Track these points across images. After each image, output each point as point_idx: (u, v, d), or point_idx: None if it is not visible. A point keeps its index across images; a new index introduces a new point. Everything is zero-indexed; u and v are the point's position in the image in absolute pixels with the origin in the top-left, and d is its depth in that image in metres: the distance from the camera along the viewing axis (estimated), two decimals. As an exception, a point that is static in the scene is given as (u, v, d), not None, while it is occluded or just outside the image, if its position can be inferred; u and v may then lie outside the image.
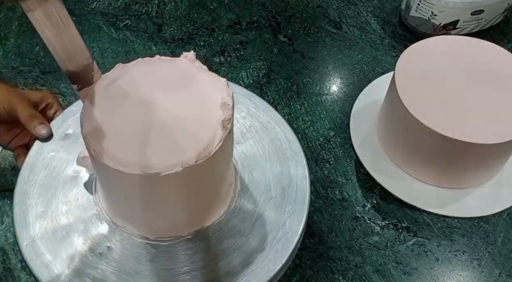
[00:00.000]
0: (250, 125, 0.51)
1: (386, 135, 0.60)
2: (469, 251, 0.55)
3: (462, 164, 0.55)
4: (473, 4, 0.68)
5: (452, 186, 0.58)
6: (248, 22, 0.75)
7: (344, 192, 0.58)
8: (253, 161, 0.49)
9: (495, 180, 0.59)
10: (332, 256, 0.54)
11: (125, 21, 0.74)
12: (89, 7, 0.75)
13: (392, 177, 0.59)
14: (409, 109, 0.53)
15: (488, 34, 0.73)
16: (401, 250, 0.55)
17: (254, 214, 0.46)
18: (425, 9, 0.70)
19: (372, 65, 0.70)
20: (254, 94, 0.54)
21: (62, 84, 0.66)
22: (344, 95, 0.67)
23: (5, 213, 0.55)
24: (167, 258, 0.43)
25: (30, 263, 0.43)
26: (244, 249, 0.44)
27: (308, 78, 0.69)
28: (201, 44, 0.72)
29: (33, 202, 0.46)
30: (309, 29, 0.74)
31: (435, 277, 0.53)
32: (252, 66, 0.70)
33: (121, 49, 0.71)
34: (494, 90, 0.55)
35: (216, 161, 0.38)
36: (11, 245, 0.53)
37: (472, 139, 0.50)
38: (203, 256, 0.44)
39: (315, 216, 0.56)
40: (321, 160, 0.61)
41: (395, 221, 0.57)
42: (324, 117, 0.65)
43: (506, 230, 0.56)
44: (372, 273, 0.53)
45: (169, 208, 0.41)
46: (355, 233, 0.56)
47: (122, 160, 0.36)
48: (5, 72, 0.67)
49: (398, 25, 0.75)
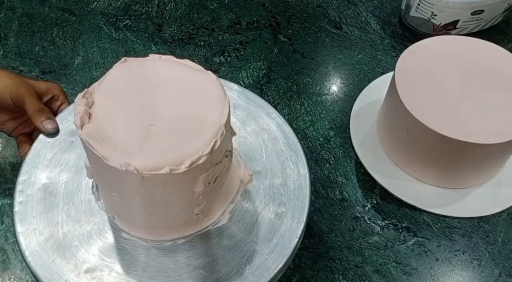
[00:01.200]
0: (249, 126, 0.51)
1: (386, 135, 0.60)
2: (469, 251, 0.55)
3: (462, 164, 0.55)
4: (473, 4, 0.68)
5: (452, 186, 0.58)
6: (248, 22, 0.75)
7: (344, 192, 0.58)
8: (252, 161, 0.49)
9: (495, 180, 0.59)
10: (332, 256, 0.54)
11: (125, 21, 0.74)
12: (89, 7, 0.75)
13: (392, 177, 0.59)
14: (409, 109, 0.53)
15: (488, 34, 0.73)
16: (401, 250, 0.55)
17: (254, 214, 0.46)
18: (425, 9, 0.70)
19: (372, 65, 0.70)
20: (254, 94, 0.54)
21: (62, 84, 0.66)
22: (344, 95, 0.67)
23: (5, 213, 0.55)
24: (167, 259, 0.43)
25: (30, 263, 0.43)
26: (244, 249, 0.44)
27: (308, 78, 0.69)
28: (201, 44, 0.72)
29: (34, 202, 0.46)
30: (309, 29, 0.74)
31: (435, 277, 0.53)
32: (252, 66, 0.70)
33: (121, 49, 0.71)
34: (494, 90, 0.55)
35: (216, 161, 0.38)
36: (11, 245, 0.53)
37: (472, 139, 0.50)
38: (203, 256, 0.44)
39: (315, 216, 0.56)
40: (321, 160, 0.61)
41: (395, 221, 0.57)
42: (324, 117, 0.65)
43: (506, 230, 0.56)
44: (372, 273, 0.53)
45: (169, 209, 0.41)
46: (355, 233, 0.56)
47: (121, 161, 0.36)
48: (5, 72, 0.67)
49: (398, 25, 0.75)
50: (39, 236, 0.44)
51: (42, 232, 0.44)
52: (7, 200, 0.55)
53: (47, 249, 0.43)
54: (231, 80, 0.67)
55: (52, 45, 0.70)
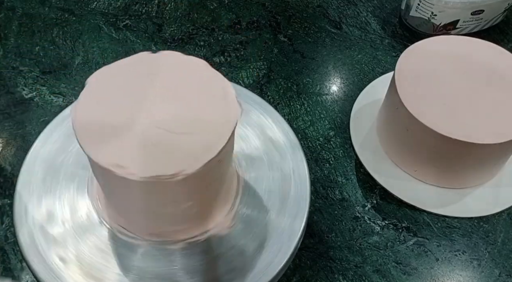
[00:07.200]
0: (249, 126, 0.51)
1: (386, 135, 0.60)
2: (469, 251, 0.55)
3: (462, 164, 0.55)
4: (473, 4, 0.68)
5: (452, 186, 0.58)
6: (248, 22, 0.75)
7: (344, 192, 0.58)
8: (252, 161, 0.49)
9: (495, 180, 0.59)
10: (332, 256, 0.54)
11: (125, 21, 0.74)
12: (89, 7, 0.75)
13: (392, 177, 0.59)
14: (409, 109, 0.53)
15: (488, 34, 0.73)
16: (401, 250, 0.55)
17: (254, 215, 0.46)
18: (425, 9, 0.70)
19: (372, 65, 0.70)
20: (254, 94, 0.54)
21: (62, 84, 0.66)
22: (344, 95, 0.67)
23: (5, 213, 0.55)
24: (167, 261, 0.43)
25: (30, 263, 0.43)
26: (244, 249, 0.44)
27: (308, 78, 0.69)
28: (201, 44, 0.72)
29: (34, 202, 0.46)
30: (309, 29, 0.74)
31: (435, 277, 0.53)
32: (252, 66, 0.70)
33: (121, 49, 0.71)
34: (494, 90, 0.55)
35: (218, 163, 0.38)
36: (11, 245, 0.53)
37: (472, 139, 0.50)
38: (203, 258, 0.44)
39: (315, 216, 0.56)
40: (321, 160, 0.61)
41: (395, 221, 0.57)
42: (324, 117, 0.65)
43: (506, 230, 0.56)
44: (372, 273, 0.53)
45: (169, 212, 0.41)
46: (355, 233, 0.56)
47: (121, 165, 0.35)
48: (5, 72, 0.67)
49: (398, 25, 0.75)
50: (39, 236, 0.44)
51: (42, 232, 0.44)
52: (7, 200, 0.55)
53: (47, 249, 0.43)
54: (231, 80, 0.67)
55: (52, 45, 0.70)
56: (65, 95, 0.65)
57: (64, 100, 0.64)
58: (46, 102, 0.64)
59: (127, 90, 0.39)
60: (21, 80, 0.66)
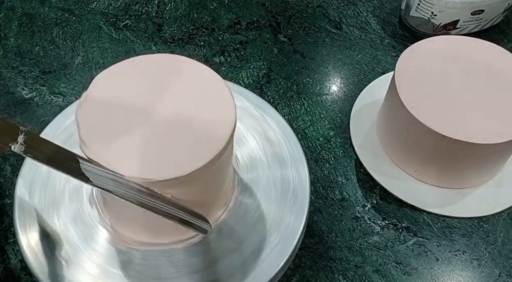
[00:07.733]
0: (249, 126, 0.51)
1: (386, 135, 0.60)
2: (469, 251, 0.55)
3: (462, 164, 0.55)
4: (473, 4, 0.68)
5: (452, 186, 0.58)
6: (248, 22, 0.75)
7: (344, 192, 0.58)
8: (252, 161, 0.49)
9: (495, 180, 0.59)
10: (332, 256, 0.54)
11: (125, 21, 0.74)
12: (89, 7, 0.75)
13: (392, 177, 0.59)
14: (409, 109, 0.53)
15: (488, 34, 0.73)
16: (401, 250, 0.55)
17: (254, 215, 0.46)
18: (425, 9, 0.70)
19: (372, 65, 0.70)
20: (254, 94, 0.54)
21: (62, 84, 0.66)
22: (344, 95, 0.67)
23: (5, 213, 0.55)
24: (166, 262, 0.43)
25: (30, 263, 0.43)
26: (243, 249, 0.44)
27: (308, 78, 0.69)
28: (201, 44, 0.72)
29: (34, 202, 0.46)
30: (309, 29, 0.74)
31: (435, 277, 0.53)
32: (252, 66, 0.70)
33: (121, 49, 0.71)
34: (494, 90, 0.55)
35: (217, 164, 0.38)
36: (11, 245, 0.53)
37: (472, 139, 0.50)
38: (202, 258, 0.44)
39: (315, 216, 0.56)
40: (321, 160, 0.61)
41: (395, 221, 0.57)
42: (324, 117, 0.65)
43: (506, 230, 0.56)
44: (372, 273, 0.53)
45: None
46: (355, 233, 0.56)
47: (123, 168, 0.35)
48: (5, 72, 0.67)
49: (398, 25, 0.75)
50: (39, 236, 0.44)
51: (42, 232, 0.44)
52: (7, 200, 0.55)
53: (47, 249, 0.43)
54: (231, 80, 0.67)
55: (52, 45, 0.70)
56: (65, 95, 0.65)
57: (64, 100, 0.64)
58: (46, 102, 0.64)
59: (126, 93, 0.39)
60: (21, 80, 0.66)
